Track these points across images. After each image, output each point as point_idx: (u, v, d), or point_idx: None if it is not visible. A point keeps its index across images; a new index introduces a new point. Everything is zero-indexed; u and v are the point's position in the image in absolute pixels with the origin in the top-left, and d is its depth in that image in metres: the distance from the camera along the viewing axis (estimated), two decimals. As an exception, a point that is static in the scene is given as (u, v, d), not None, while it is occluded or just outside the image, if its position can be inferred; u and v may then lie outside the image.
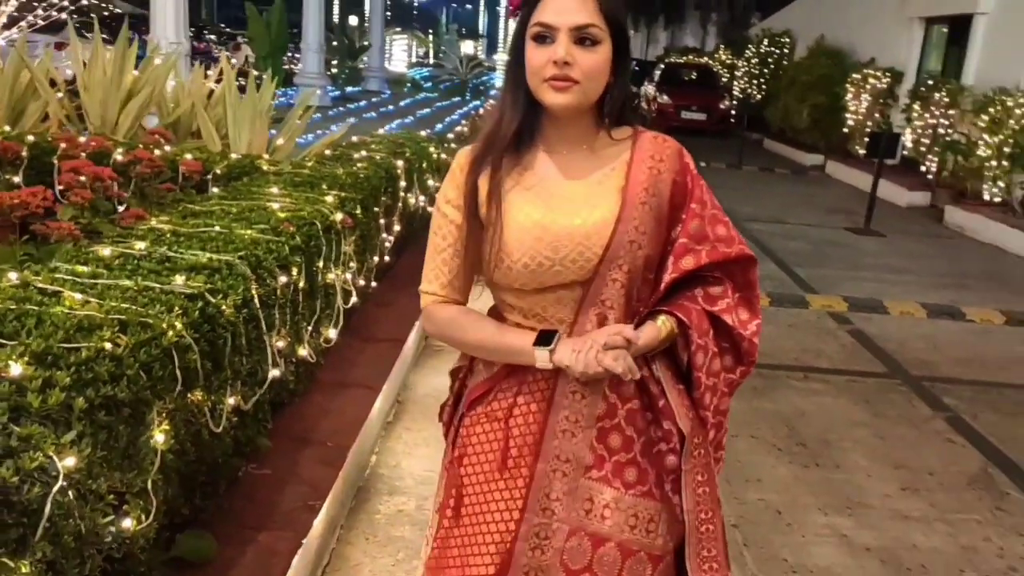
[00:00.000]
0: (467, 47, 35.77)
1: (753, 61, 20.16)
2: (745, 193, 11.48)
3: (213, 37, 28.25)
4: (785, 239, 8.77)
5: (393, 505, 3.21)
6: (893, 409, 4.51)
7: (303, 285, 3.09)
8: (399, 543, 2.95)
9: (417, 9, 73.85)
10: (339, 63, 21.69)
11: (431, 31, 45.00)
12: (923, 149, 11.70)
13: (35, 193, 2.93)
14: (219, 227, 2.94)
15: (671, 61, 24.85)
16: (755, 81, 19.87)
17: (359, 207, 3.99)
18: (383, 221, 4.72)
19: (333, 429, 3.27)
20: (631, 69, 1.58)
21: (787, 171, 14.69)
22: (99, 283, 2.20)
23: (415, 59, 42.55)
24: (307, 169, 4.32)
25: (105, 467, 1.69)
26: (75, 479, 1.53)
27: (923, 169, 11.71)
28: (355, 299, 3.95)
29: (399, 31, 39.29)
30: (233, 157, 4.48)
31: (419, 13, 72.07)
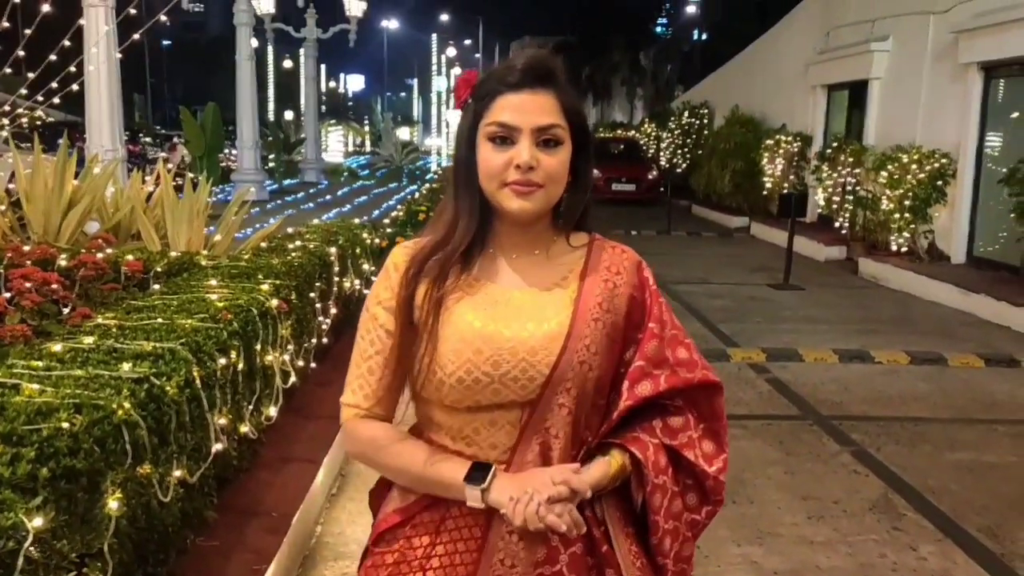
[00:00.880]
0: (403, 133, 36.50)
1: (676, 132, 21.20)
2: (674, 257, 12.01)
3: (148, 139, 28.60)
4: (710, 298, 9.23)
5: (339, 568, 3.42)
6: (804, 447, 4.87)
7: (242, 367, 3.35)
8: (344, 602, 3.17)
9: (352, 100, 75.27)
10: (275, 157, 22.12)
11: (367, 119, 45.88)
12: (835, 206, 12.41)
13: (-14, 301, 3.18)
14: (161, 319, 3.20)
15: (600, 136, 25.83)
16: (680, 150, 20.85)
17: (294, 293, 4.27)
18: (319, 305, 5.01)
19: (277, 500, 3.49)
20: (593, 169, 1.46)
21: (714, 234, 15.36)
22: (53, 374, 2.45)
23: (351, 148, 43.25)
24: (243, 261, 4.60)
25: (67, 530, 1.93)
26: (43, 538, 1.77)
27: (837, 225, 12.41)
28: (294, 379, 4.21)
29: (334, 122, 40.01)
30: (172, 255, 4.75)
31: (354, 103, 73.45)
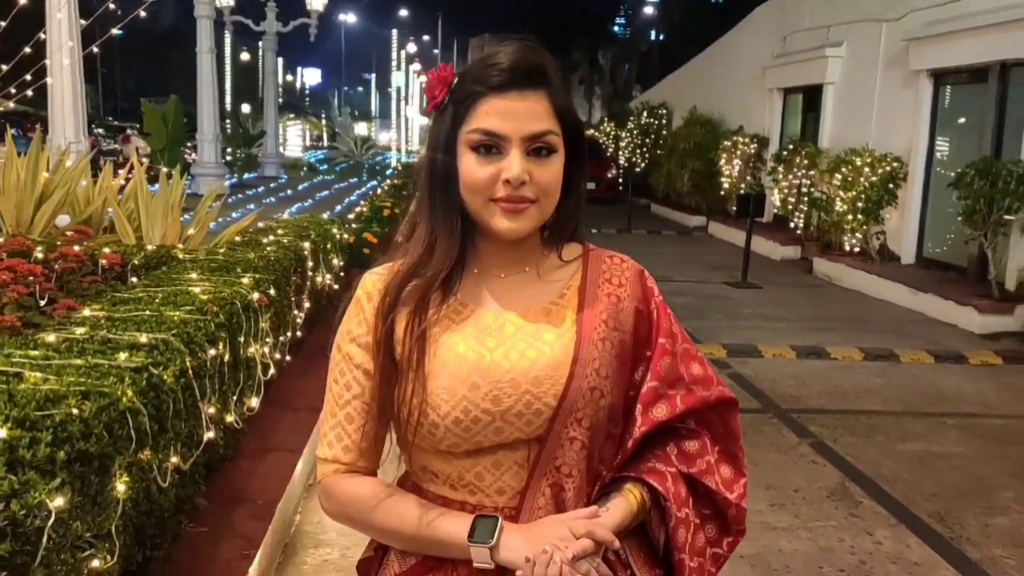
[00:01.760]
0: (361, 128, 36.43)
1: (635, 132, 21.43)
2: (635, 256, 11.85)
3: (101, 131, 28.13)
4: (672, 296, 9.33)
5: (319, 556, 3.52)
6: (765, 439, 5.06)
7: (228, 358, 3.42)
8: (327, 587, 3.27)
9: (309, 94, 74.76)
10: (234, 151, 21.95)
11: (324, 114, 45.70)
12: (790, 207, 12.73)
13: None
14: (149, 311, 3.26)
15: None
16: (639, 150, 21.10)
17: (272, 287, 4.35)
18: (294, 299, 5.08)
19: (261, 488, 3.58)
20: (587, 176, 1.31)
21: (673, 233, 15.65)
22: (53, 363, 2.51)
23: (309, 142, 43.04)
24: (221, 255, 4.66)
25: (80, 511, 2.01)
26: (61, 518, 1.85)
27: (792, 225, 12.72)
28: (273, 371, 4.28)
29: (292, 116, 39.78)
30: (149, 248, 4.78)
31: (311, 98, 72.99)
